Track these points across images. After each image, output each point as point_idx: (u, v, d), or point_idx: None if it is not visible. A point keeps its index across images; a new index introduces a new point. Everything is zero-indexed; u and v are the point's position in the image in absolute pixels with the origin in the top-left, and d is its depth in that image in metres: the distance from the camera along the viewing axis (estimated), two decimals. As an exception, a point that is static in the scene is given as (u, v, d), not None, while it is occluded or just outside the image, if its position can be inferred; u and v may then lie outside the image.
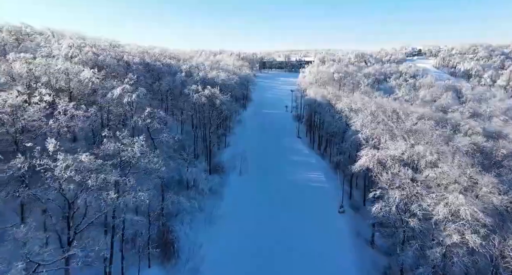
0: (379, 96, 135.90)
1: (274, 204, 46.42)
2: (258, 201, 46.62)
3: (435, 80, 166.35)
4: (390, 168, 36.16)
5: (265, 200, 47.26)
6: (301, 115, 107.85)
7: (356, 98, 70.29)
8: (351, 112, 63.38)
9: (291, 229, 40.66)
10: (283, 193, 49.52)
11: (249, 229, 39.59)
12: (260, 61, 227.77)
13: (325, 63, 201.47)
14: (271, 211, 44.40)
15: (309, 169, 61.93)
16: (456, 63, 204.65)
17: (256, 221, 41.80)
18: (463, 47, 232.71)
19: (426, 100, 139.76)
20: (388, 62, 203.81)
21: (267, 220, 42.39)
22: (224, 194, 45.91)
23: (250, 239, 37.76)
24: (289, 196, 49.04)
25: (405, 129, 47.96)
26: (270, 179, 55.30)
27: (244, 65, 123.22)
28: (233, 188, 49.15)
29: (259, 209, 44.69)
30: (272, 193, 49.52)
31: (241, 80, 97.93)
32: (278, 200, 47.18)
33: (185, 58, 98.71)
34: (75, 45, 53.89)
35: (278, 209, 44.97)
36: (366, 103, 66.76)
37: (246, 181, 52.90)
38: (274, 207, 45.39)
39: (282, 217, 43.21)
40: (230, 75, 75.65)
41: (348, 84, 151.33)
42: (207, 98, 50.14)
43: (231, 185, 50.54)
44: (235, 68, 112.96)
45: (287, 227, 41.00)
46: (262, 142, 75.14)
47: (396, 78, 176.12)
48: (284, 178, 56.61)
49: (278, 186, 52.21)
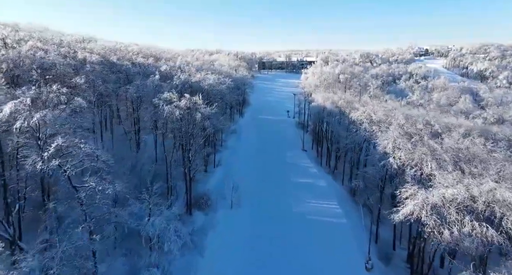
0: (389, 100, 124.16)
1: (275, 258, 33.59)
2: (255, 254, 33.74)
3: (448, 82, 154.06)
4: (452, 224, 23.53)
5: (263, 251, 34.42)
6: (305, 122, 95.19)
7: (376, 106, 57.54)
8: (372, 125, 50.76)
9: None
10: (288, 239, 36.71)
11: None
12: (259, 62, 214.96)
13: (328, 63, 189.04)
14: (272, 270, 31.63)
15: (319, 196, 49.14)
16: (468, 63, 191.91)
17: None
18: (473, 46, 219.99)
19: (441, 104, 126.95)
20: (396, 62, 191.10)
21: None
22: (206, 246, 32.78)
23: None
24: (295, 243, 36.25)
25: (452, 152, 35.19)
26: (270, 214, 42.44)
27: (241, 66, 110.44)
28: (220, 233, 36.19)
29: (256, 266, 31.87)
30: (273, 238, 36.66)
31: (237, 83, 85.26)
32: (280, 252, 34.36)
33: (168, 57, 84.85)
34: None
35: (282, 268, 32.19)
36: (389, 113, 54.09)
37: (239, 219, 40.05)
38: (275, 264, 32.57)
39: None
40: (221, 77, 62.68)
41: (355, 86, 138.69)
42: (186, 110, 37.19)
43: (219, 226, 37.64)
44: (231, 69, 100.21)
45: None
46: (261, 158, 62.34)
47: (406, 79, 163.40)
48: (289, 211, 43.86)
49: (281, 226, 39.40)
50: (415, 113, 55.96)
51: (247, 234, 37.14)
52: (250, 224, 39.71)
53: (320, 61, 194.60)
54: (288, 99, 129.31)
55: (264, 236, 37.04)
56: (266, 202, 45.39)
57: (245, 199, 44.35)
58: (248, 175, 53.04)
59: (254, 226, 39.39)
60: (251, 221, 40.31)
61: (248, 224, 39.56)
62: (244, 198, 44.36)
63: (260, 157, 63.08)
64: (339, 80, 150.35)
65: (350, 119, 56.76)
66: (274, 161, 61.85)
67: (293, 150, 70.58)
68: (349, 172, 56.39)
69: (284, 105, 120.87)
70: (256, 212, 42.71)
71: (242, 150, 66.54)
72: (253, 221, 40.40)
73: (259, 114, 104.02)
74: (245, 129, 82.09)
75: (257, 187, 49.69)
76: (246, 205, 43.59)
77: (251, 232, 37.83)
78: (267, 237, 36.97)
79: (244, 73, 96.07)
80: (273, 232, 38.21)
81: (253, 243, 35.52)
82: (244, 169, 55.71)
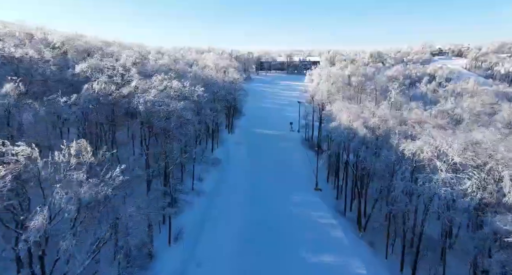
0: (416, 108, 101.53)
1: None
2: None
3: (478, 85, 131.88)
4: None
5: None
6: (314, 137, 72.67)
7: (444, 136, 34.47)
8: (449, 168, 28.09)
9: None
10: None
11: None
12: (257, 62, 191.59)
13: (335, 64, 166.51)
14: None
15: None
16: (493, 63, 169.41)
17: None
18: (493, 45, 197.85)
19: (475, 113, 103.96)
20: (411, 63, 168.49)
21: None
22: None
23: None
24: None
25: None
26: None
27: (231, 66, 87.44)
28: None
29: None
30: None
31: (224, 92, 62.51)
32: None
33: (109, 52, 56.81)
34: None
35: None
36: (468, 146, 31.18)
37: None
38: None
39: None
40: (188, 86, 38.99)
41: (369, 90, 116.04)
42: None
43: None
44: (218, 72, 77.14)
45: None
46: (254, 217, 39.20)
47: (427, 82, 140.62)
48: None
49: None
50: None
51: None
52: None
53: (325, 62, 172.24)
54: (290, 105, 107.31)
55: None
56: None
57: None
58: (236, 244, 30.40)
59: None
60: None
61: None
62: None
63: (253, 213, 39.90)
64: (350, 83, 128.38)
65: (400, 153, 33.92)
66: (273, 217, 39.01)
67: (302, 190, 47.91)
68: (401, 245, 33.69)
69: (286, 114, 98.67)
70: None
71: (226, 194, 43.62)
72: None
73: (254, 127, 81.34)
74: (234, 155, 58.87)
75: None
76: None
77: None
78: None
79: (234, 76, 73.14)
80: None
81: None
82: (229, 238, 33.00)
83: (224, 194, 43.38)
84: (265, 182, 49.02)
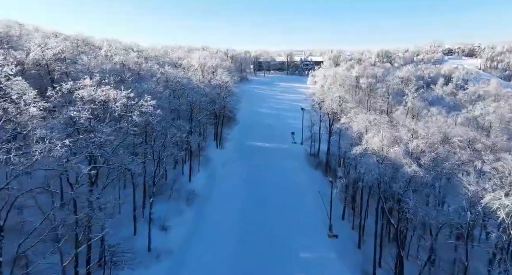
0: (438, 114, 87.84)
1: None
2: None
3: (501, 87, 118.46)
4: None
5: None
6: (320, 154, 59.19)
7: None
8: None
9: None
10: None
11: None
12: (254, 62, 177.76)
13: (339, 64, 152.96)
14: None
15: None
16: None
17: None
18: (508, 44, 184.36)
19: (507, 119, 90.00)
20: (422, 63, 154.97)
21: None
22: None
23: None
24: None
25: None
26: None
27: (221, 67, 73.35)
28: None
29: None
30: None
31: (208, 99, 48.91)
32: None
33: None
34: None
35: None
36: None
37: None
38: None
39: None
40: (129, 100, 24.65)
41: (382, 94, 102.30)
42: None
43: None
44: (207, 74, 63.10)
45: None
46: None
47: (442, 84, 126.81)
48: None
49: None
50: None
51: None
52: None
53: (329, 61, 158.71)
54: (291, 110, 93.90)
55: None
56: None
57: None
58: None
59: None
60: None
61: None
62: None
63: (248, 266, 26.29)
64: (358, 85, 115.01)
65: (481, 207, 20.29)
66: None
67: (311, 237, 34.07)
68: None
69: (287, 122, 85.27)
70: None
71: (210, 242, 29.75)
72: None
73: (249, 139, 67.64)
74: (220, 182, 44.52)
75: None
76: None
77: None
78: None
79: (223, 78, 59.12)
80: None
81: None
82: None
83: (200, 253, 29.37)
84: (260, 224, 35.12)
